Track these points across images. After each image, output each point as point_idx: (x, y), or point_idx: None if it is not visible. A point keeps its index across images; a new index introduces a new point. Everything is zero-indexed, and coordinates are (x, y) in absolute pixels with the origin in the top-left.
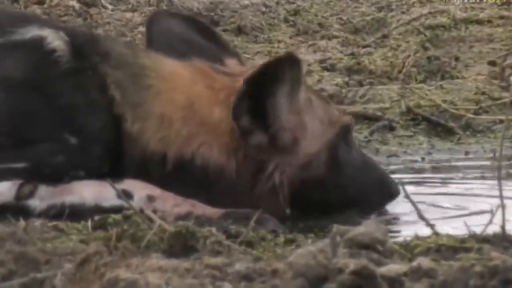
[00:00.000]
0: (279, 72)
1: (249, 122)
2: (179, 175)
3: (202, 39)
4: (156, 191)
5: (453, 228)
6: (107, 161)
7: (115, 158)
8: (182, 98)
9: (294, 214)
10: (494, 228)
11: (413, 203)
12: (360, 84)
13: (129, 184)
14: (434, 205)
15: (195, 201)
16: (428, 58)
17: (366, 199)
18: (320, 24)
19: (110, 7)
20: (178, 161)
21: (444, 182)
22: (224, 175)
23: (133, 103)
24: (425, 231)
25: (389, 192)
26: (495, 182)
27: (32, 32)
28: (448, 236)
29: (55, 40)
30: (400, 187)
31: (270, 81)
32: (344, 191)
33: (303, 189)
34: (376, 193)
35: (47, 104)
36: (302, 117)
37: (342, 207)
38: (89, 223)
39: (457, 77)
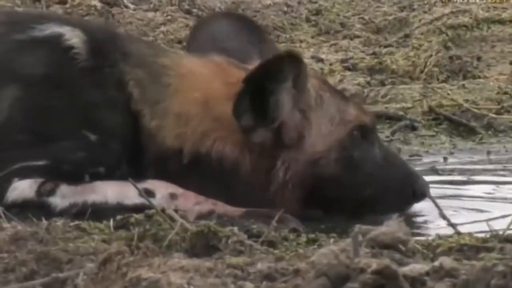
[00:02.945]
0: (279, 69)
1: (251, 120)
2: (195, 170)
3: (246, 39)
4: (178, 190)
5: (474, 228)
6: (126, 157)
7: (134, 154)
8: (199, 96)
9: (316, 215)
10: None
11: (434, 203)
12: (382, 83)
13: (151, 183)
14: (455, 204)
15: (216, 200)
16: (450, 57)
17: (386, 199)
18: (342, 24)
19: (132, 6)
20: (194, 156)
21: (466, 181)
22: (239, 170)
23: (151, 101)
24: (447, 231)
25: (413, 192)
26: None
27: (50, 29)
28: (470, 235)
29: (73, 38)
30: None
31: (271, 78)
32: (361, 190)
33: (317, 187)
34: (397, 193)
35: (66, 101)
36: (308, 114)
37: (362, 207)
38: (111, 222)
39: (479, 77)
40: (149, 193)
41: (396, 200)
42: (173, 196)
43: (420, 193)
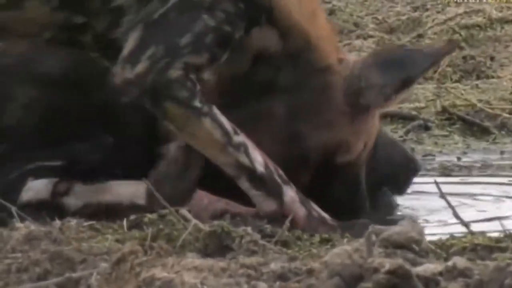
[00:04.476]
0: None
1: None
2: None
3: None
4: None
5: (488, 228)
6: (144, 159)
7: (151, 157)
8: None
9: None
10: None
11: (448, 202)
12: None
13: None
14: (469, 204)
15: (229, 200)
16: (464, 57)
17: (395, 177)
18: (355, 24)
19: None
20: None
21: (479, 182)
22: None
23: None
24: (461, 231)
25: (414, 167)
26: None
27: None
28: (484, 235)
29: None
30: (435, 186)
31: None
32: (375, 170)
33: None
34: (403, 170)
35: (84, 101)
36: None
37: (374, 186)
38: (125, 222)
39: (493, 77)
40: None
41: (402, 176)
42: None
43: (418, 165)
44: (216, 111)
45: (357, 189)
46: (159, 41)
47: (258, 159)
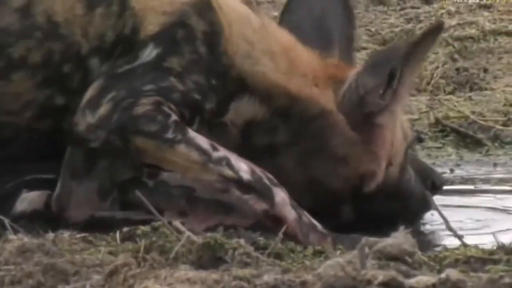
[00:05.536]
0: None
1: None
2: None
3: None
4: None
5: (481, 240)
6: None
7: None
8: None
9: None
10: None
11: (441, 214)
12: None
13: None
14: (462, 216)
15: (225, 216)
16: (457, 69)
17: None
18: None
19: None
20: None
21: (472, 193)
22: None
23: None
24: (454, 243)
25: (433, 184)
26: None
27: None
28: (477, 247)
29: None
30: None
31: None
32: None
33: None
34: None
35: None
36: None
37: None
38: (118, 234)
39: (486, 89)
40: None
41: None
42: (182, 214)
43: (440, 183)
44: (191, 135)
45: (406, 197)
46: (121, 88)
47: (243, 168)
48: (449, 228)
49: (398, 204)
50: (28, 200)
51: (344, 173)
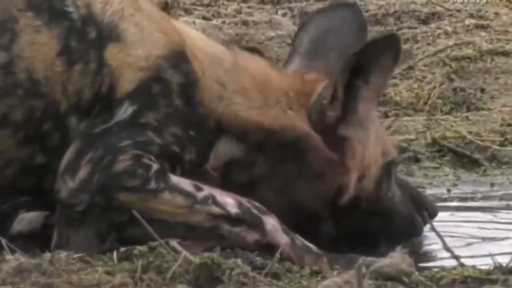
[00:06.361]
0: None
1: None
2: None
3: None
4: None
5: (478, 260)
6: None
7: None
8: None
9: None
10: None
11: (438, 235)
12: (386, 115)
13: None
14: (459, 237)
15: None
16: (454, 89)
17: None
18: None
19: None
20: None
21: (470, 213)
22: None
23: None
24: (451, 263)
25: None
26: None
27: None
28: (474, 267)
29: None
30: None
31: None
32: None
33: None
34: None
35: None
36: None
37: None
38: (115, 254)
39: (483, 109)
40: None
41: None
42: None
43: (433, 212)
44: (173, 180)
45: (388, 215)
46: (98, 147)
47: (230, 202)
48: (446, 248)
49: (379, 221)
50: (26, 220)
51: (321, 189)
